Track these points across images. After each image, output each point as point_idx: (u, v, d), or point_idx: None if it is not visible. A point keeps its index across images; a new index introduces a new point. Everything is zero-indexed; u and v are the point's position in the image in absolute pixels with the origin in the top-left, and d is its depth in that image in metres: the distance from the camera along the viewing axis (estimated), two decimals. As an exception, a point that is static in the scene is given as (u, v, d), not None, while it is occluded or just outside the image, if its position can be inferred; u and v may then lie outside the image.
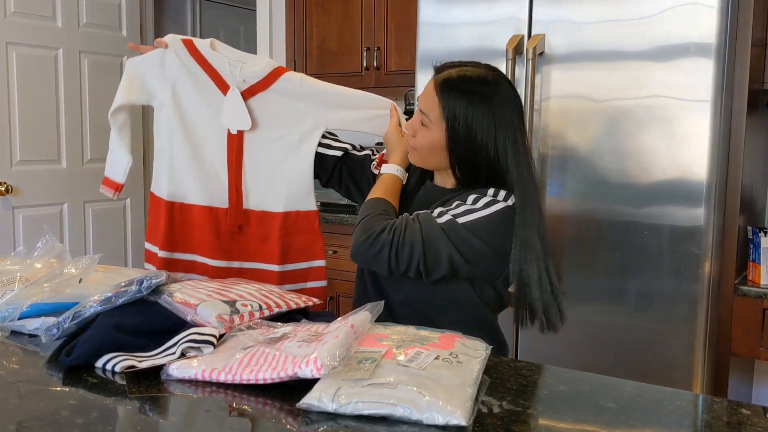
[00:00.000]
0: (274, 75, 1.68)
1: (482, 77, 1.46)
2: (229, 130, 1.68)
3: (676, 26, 2.06)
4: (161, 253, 1.72)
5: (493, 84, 1.45)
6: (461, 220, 1.39)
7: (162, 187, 1.72)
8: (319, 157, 1.70)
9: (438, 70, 1.49)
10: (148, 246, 1.78)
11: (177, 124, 1.70)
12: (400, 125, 1.64)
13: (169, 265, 1.72)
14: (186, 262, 1.74)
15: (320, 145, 1.70)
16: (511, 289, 1.50)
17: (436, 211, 1.42)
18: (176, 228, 1.72)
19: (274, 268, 1.71)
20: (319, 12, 3.39)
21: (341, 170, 1.72)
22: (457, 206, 1.42)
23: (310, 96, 1.69)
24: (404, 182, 1.58)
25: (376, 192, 1.53)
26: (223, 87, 1.68)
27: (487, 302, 1.50)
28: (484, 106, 1.42)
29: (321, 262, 1.72)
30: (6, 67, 3.44)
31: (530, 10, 2.29)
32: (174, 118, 1.70)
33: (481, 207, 1.41)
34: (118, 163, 1.75)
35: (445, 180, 1.54)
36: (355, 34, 3.29)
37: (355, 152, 1.73)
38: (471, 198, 1.43)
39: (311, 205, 1.70)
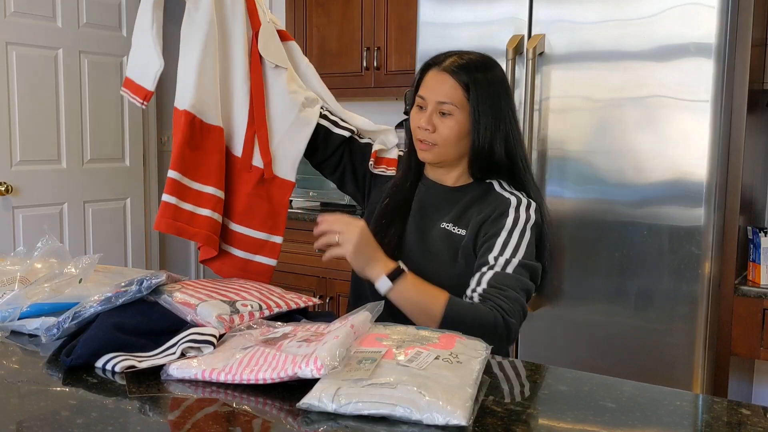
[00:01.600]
0: (287, 35, 1.62)
1: (487, 58, 1.51)
2: (251, 64, 1.54)
3: (676, 26, 2.06)
4: (171, 173, 1.44)
5: (497, 64, 1.51)
6: (519, 258, 1.40)
7: (185, 99, 1.47)
8: (325, 132, 1.62)
9: (435, 61, 1.48)
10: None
11: (214, 34, 1.50)
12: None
13: (178, 191, 1.45)
14: (196, 193, 1.47)
15: (327, 119, 1.62)
16: None
17: (491, 257, 1.39)
18: (194, 146, 1.47)
19: (231, 225, 1.54)
20: (319, 12, 3.39)
21: (344, 153, 1.64)
22: (503, 246, 1.40)
23: (308, 77, 1.64)
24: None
25: (439, 294, 1.35)
26: (255, 21, 1.55)
27: None
28: (501, 84, 1.46)
29: (278, 239, 1.58)
30: (6, 67, 3.44)
31: (530, 10, 2.29)
32: (212, 27, 1.49)
33: (518, 236, 1.42)
34: (148, 65, 1.50)
35: (444, 176, 1.53)
36: (355, 34, 3.29)
37: (357, 138, 1.65)
38: (506, 225, 1.42)
39: (291, 175, 1.58)
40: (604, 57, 2.18)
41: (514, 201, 1.45)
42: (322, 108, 1.63)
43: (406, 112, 1.69)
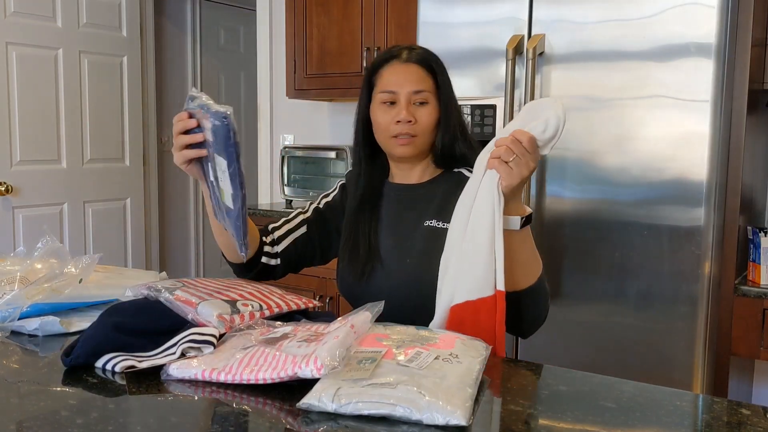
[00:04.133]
0: None
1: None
2: None
3: (676, 26, 2.06)
4: None
5: None
6: None
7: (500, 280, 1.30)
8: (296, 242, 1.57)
9: (390, 56, 1.49)
10: None
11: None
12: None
13: None
14: None
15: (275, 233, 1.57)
16: None
17: None
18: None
19: None
20: (319, 12, 3.39)
21: (316, 234, 1.60)
22: None
23: None
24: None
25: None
26: None
27: None
28: (447, 72, 1.51)
29: None
30: (6, 67, 3.45)
31: (530, 10, 2.29)
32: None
33: None
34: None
35: (409, 174, 1.53)
36: (355, 34, 3.29)
37: (307, 214, 1.61)
38: None
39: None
40: (604, 57, 2.18)
41: None
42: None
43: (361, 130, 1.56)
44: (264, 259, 1.53)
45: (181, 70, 4.64)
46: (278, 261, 1.55)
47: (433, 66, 1.47)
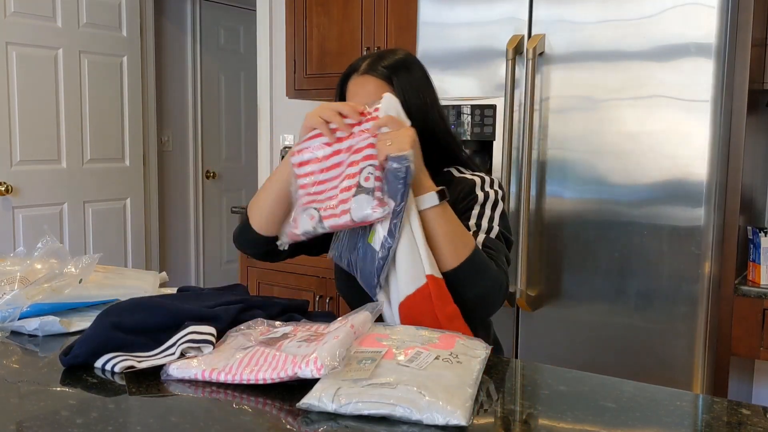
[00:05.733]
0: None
1: (401, 50, 1.50)
2: None
3: (676, 26, 2.07)
4: None
5: (412, 54, 1.50)
6: (497, 226, 1.42)
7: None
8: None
9: (352, 69, 1.47)
10: None
11: None
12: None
13: None
14: None
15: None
16: None
17: (473, 224, 1.40)
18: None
19: None
20: (319, 12, 3.39)
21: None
22: (480, 217, 1.41)
23: None
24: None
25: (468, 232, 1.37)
26: None
27: None
28: (420, 69, 1.47)
29: None
30: (6, 67, 3.45)
31: (530, 10, 2.29)
32: None
33: (491, 208, 1.44)
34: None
35: None
36: (355, 34, 3.29)
37: None
38: (479, 200, 1.44)
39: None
40: (604, 57, 2.18)
41: (478, 180, 1.47)
42: None
43: None
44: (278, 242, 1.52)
45: (181, 70, 4.64)
46: (286, 247, 1.53)
47: (386, 72, 1.43)
